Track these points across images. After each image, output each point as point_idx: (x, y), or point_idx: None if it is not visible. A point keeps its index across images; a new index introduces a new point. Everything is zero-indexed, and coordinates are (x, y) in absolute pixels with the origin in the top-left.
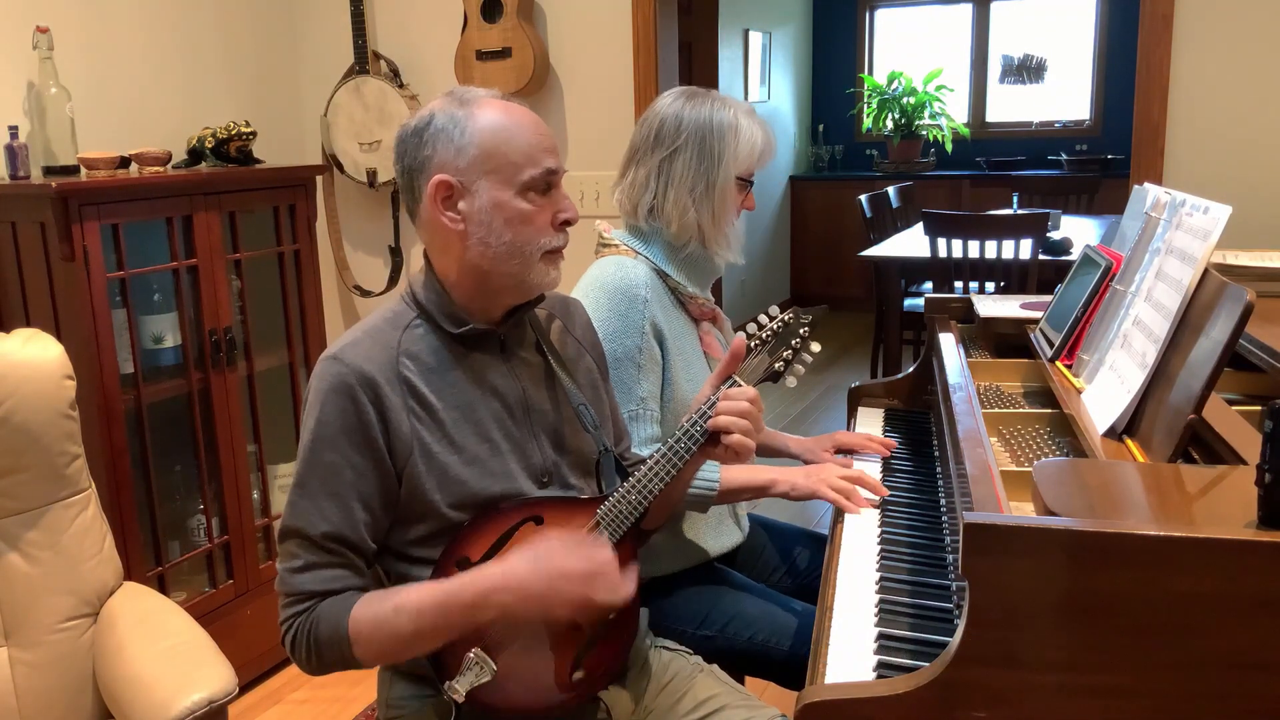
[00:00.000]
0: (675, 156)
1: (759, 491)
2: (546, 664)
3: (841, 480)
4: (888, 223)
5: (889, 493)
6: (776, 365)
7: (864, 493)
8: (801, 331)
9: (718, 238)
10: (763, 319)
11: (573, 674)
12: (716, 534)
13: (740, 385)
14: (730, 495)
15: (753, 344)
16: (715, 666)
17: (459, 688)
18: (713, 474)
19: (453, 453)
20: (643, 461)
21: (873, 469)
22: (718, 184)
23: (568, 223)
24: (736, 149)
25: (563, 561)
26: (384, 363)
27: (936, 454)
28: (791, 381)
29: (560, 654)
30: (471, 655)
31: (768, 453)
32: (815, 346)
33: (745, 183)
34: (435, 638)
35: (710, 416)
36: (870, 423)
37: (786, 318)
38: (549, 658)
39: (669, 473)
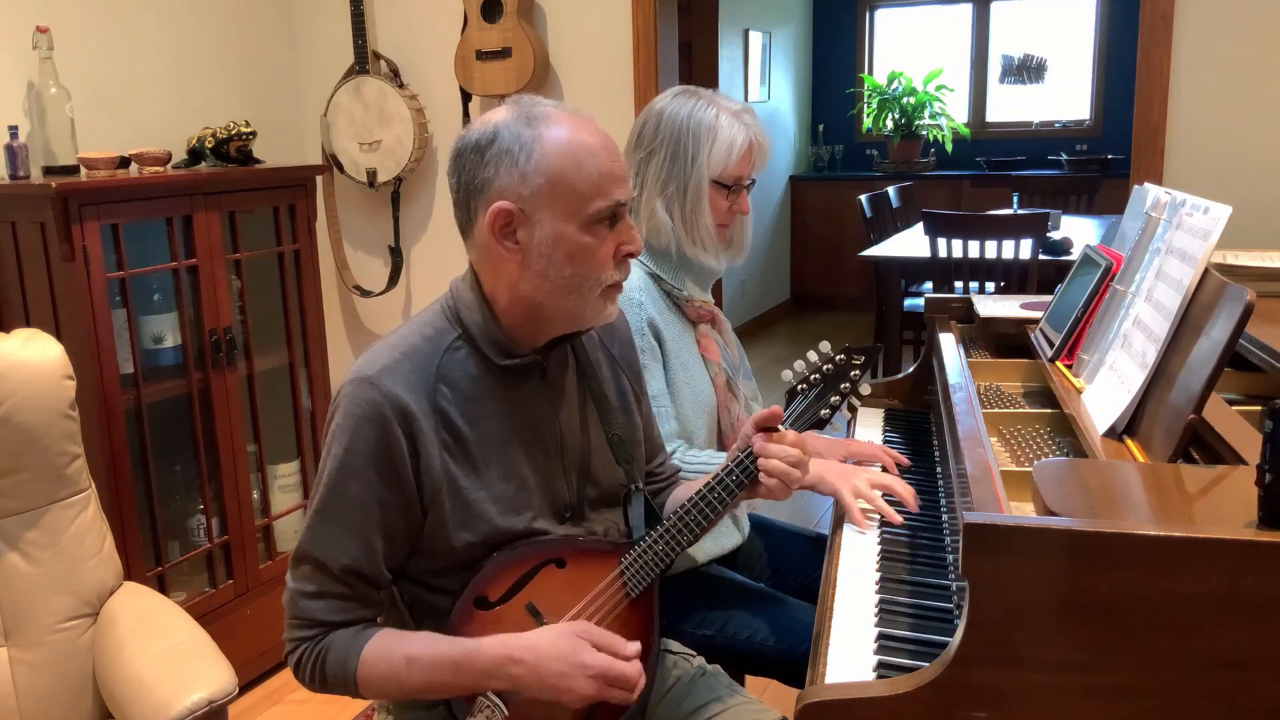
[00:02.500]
0: (651, 158)
1: None
2: (559, 710)
3: (868, 490)
4: (888, 223)
5: (917, 508)
6: (823, 412)
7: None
8: (853, 375)
9: (692, 240)
10: (812, 356)
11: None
12: (715, 536)
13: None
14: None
15: (799, 388)
16: (718, 668)
17: None
18: None
19: (480, 488)
20: (678, 472)
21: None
22: (689, 187)
23: (630, 255)
24: (711, 152)
25: (586, 654)
26: (421, 391)
27: (936, 454)
28: (838, 424)
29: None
30: (483, 699)
31: None
32: (865, 389)
33: (726, 188)
34: (444, 692)
35: (752, 472)
36: (870, 422)
37: (838, 359)
38: (562, 705)
39: (702, 525)
